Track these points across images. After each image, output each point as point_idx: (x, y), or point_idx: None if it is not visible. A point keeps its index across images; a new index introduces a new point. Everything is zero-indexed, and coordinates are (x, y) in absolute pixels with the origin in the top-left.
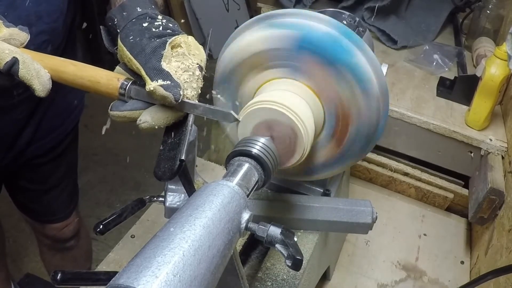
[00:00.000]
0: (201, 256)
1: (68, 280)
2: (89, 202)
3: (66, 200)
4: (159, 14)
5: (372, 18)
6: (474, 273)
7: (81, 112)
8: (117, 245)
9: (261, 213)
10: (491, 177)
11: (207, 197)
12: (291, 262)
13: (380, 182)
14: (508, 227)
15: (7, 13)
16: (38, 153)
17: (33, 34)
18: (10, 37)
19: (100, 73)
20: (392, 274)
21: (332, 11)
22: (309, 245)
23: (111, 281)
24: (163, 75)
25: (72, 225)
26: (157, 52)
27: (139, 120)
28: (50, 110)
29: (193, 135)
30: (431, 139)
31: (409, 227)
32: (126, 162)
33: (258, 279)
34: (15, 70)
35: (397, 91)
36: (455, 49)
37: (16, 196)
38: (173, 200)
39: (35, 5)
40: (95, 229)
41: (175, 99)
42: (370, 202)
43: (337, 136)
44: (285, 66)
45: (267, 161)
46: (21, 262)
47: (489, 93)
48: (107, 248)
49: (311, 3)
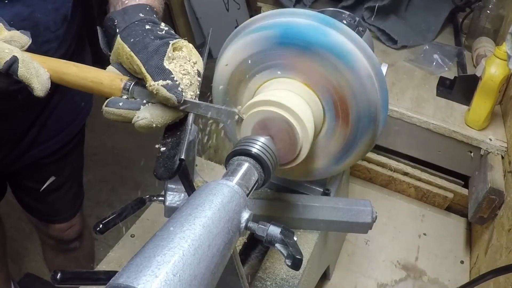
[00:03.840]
0: (201, 256)
1: (68, 280)
2: (89, 202)
3: (70, 201)
4: (162, 23)
5: (372, 17)
6: (474, 273)
7: (88, 114)
8: (117, 245)
9: (261, 213)
10: (491, 177)
11: (206, 196)
12: (291, 261)
13: (380, 182)
14: (507, 227)
15: (14, 23)
16: (44, 155)
17: (40, 43)
18: (11, 39)
19: (102, 74)
20: (392, 273)
21: (332, 10)
22: (309, 245)
23: (111, 280)
24: (164, 74)
25: (76, 226)
26: (160, 50)
27: (137, 117)
28: (56, 113)
29: (193, 135)
30: (431, 139)
31: (409, 226)
32: (126, 162)
33: (258, 278)
34: (14, 69)
35: (397, 91)
36: (455, 49)
37: (21, 196)
38: (173, 200)
39: (43, 15)
40: (95, 228)
41: (177, 100)
42: (370, 202)
43: (340, 123)
44: (272, 66)
45: (266, 160)
46: (21, 262)
47: (489, 93)
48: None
49: (311, 3)
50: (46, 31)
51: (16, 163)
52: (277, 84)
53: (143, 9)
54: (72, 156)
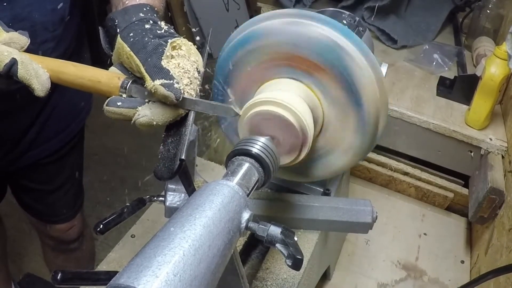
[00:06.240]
0: (202, 256)
1: (68, 280)
2: (89, 202)
3: (70, 201)
4: (162, 22)
5: (372, 17)
6: (474, 273)
7: (87, 114)
8: (117, 245)
9: (261, 213)
10: (491, 177)
11: (207, 196)
12: (291, 261)
13: (380, 182)
14: (508, 227)
15: (12, 24)
16: (44, 155)
17: (38, 43)
18: (10, 41)
19: (100, 73)
20: (392, 273)
21: (332, 10)
22: (309, 245)
23: (111, 280)
24: (163, 73)
25: (76, 227)
26: (158, 49)
27: (138, 114)
28: (55, 113)
29: (193, 135)
30: (431, 139)
31: (409, 226)
32: (126, 162)
33: (259, 278)
34: (14, 71)
35: (397, 90)
36: (455, 48)
37: (21, 196)
38: (173, 200)
39: (41, 16)
40: (95, 228)
41: (176, 98)
42: (370, 202)
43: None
44: (273, 66)
45: (267, 160)
46: (21, 262)
47: (489, 93)
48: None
49: (311, 3)
50: (44, 31)
51: (16, 163)
52: (278, 85)
53: (143, 8)
54: (72, 156)
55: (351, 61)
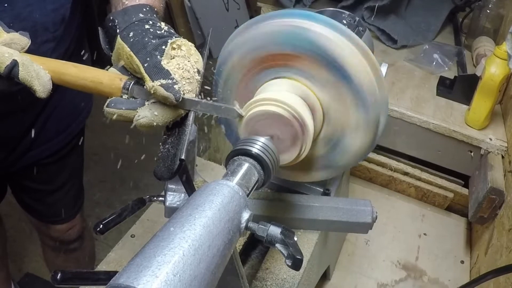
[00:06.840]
0: (201, 256)
1: (68, 280)
2: (89, 202)
3: (71, 201)
4: (162, 22)
5: (372, 17)
6: (474, 273)
7: (88, 114)
8: (117, 245)
9: (261, 213)
10: (491, 177)
11: (207, 196)
12: (291, 261)
13: (380, 182)
14: (508, 227)
15: (13, 24)
16: (44, 155)
17: (38, 44)
18: (11, 41)
19: (102, 74)
20: (392, 273)
21: (331, 10)
22: (309, 245)
23: (111, 280)
24: (162, 73)
25: (76, 227)
26: (158, 50)
27: (138, 115)
28: (55, 114)
29: (193, 135)
30: (431, 139)
31: (409, 226)
32: (126, 162)
33: (258, 278)
34: (15, 72)
35: (397, 90)
36: (455, 48)
37: (21, 196)
38: (173, 200)
39: (42, 16)
40: (95, 228)
41: (175, 98)
42: (370, 202)
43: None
44: (273, 66)
45: (267, 160)
46: (21, 262)
47: (489, 93)
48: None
49: (310, 3)
50: (45, 32)
51: (16, 163)
52: (277, 85)
53: (143, 9)
54: (72, 156)
55: (321, 37)
